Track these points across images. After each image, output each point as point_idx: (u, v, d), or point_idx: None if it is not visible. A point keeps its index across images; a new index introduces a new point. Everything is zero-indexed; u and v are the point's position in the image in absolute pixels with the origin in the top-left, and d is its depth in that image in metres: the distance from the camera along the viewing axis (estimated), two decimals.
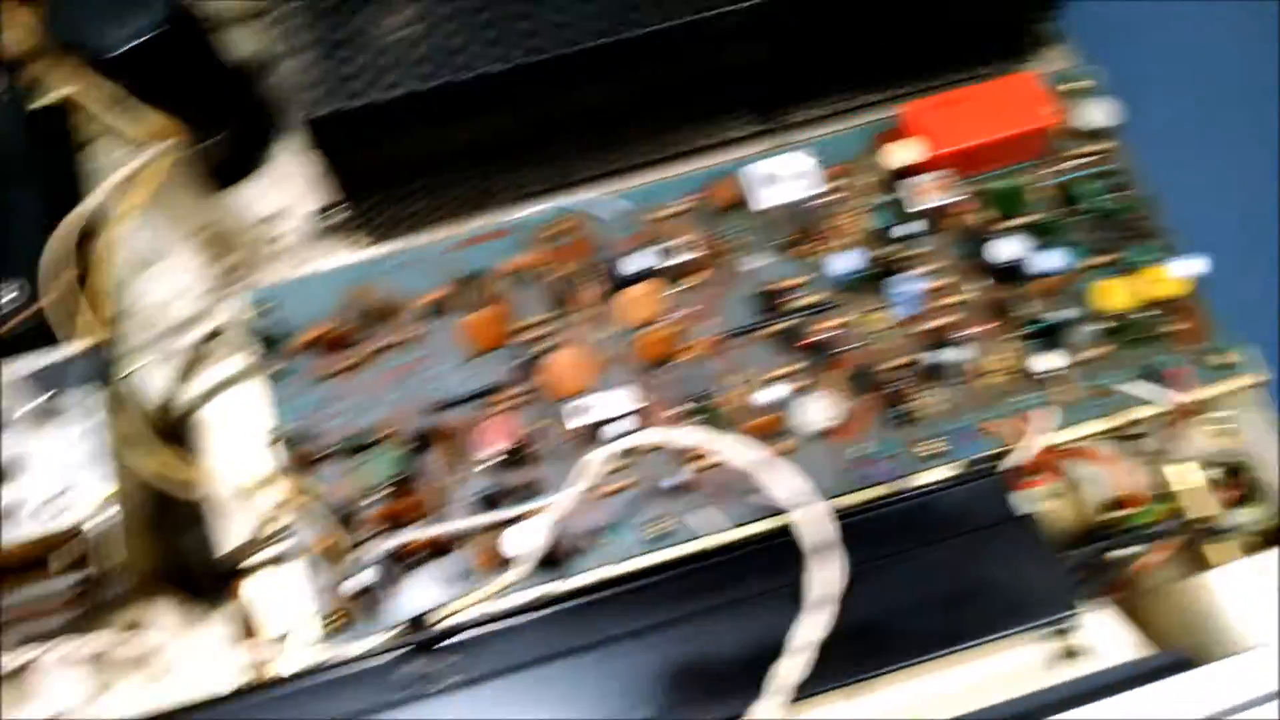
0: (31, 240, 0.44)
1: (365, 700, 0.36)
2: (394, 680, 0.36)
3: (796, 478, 0.37)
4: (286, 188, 0.50)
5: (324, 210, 0.49)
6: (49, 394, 0.39)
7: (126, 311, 0.48)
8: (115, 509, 0.38)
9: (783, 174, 0.44)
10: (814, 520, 0.36)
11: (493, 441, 0.41)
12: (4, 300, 0.43)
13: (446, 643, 0.36)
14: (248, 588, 0.43)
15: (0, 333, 0.42)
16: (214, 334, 0.44)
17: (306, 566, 0.42)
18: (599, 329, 0.44)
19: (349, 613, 0.40)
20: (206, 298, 0.48)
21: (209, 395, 0.46)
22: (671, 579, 0.39)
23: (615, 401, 0.42)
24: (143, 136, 0.43)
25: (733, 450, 0.38)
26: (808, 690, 0.35)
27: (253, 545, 0.42)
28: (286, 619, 0.42)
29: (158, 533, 0.41)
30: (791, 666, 0.34)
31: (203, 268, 0.48)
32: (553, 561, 0.40)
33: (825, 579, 0.35)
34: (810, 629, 0.34)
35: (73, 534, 0.38)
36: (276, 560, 0.43)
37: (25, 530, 0.37)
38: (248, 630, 0.42)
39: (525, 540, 0.39)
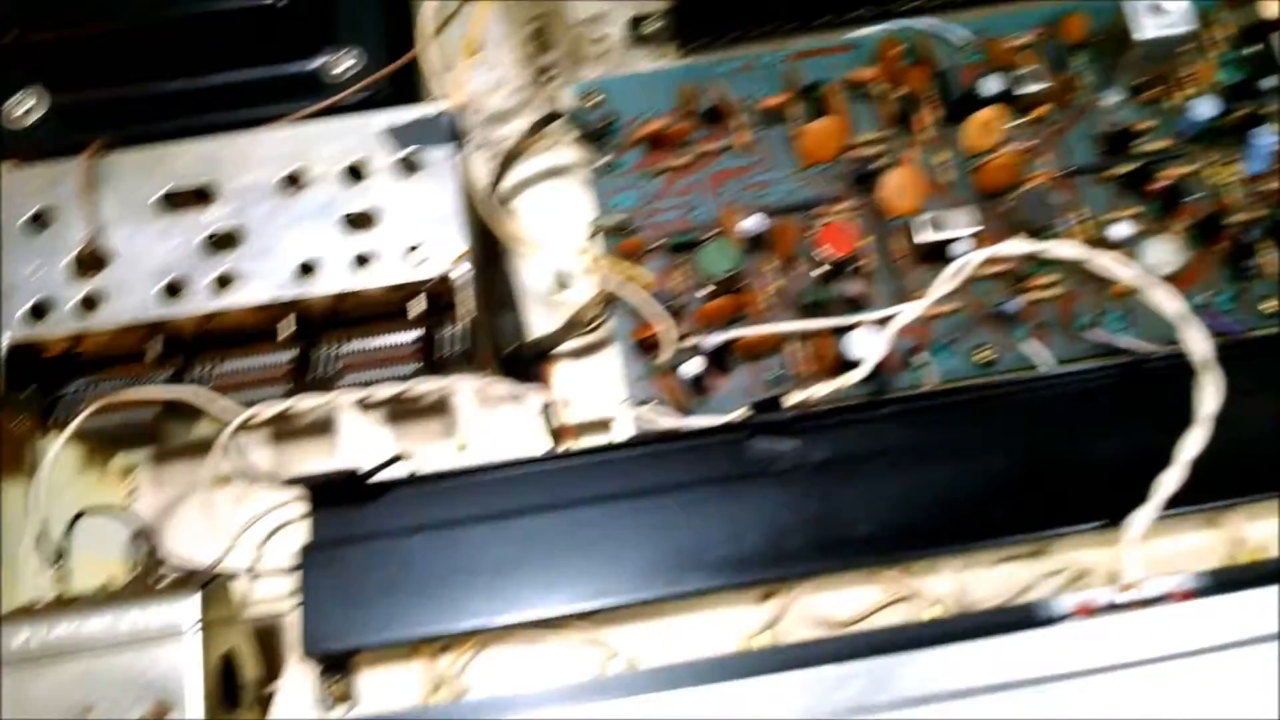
0: (366, 7, 0.45)
1: (709, 469, 0.36)
2: (741, 456, 0.36)
3: (1177, 298, 0.36)
4: None
5: (639, 20, 0.48)
6: (408, 149, 0.40)
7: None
8: (468, 265, 0.38)
9: (1167, 6, 0.41)
10: (1199, 338, 0.35)
11: (831, 247, 0.40)
12: (343, 67, 0.44)
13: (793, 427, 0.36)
14: (558, 372, 0.44)
15: (340, 98, 0.43)
16: (541, 123, 0.44)
17: (625, 353, 0.42)
18: (936, 151, 0.43)
19: (678, 396, 0.40)
20: (527, 90, 0.48)
21: (528, 184, 0.46)
22: (998, 398, 0.38)
23: (960, 220, 0.41)
24: None
25: (1117, 266, 0.37)
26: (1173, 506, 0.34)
27: (568, 330, 0.42)
28: (601, 404, 0.43)
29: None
30: (1172, 477, 0.33)
31: (523, 61, 0.48)
32: (874, 375, 0.40)
33: (1209, 396, 0.34)
34: (1194, 444, 0.33)
35: (425, 284, 0.38)
36: (590, 348, 0.44)
37: (390, 274, 0.38)
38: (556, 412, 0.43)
39: (868, 344, 0.38)
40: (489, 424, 0.43)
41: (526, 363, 0.42)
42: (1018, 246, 0.38)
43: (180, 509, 0.43)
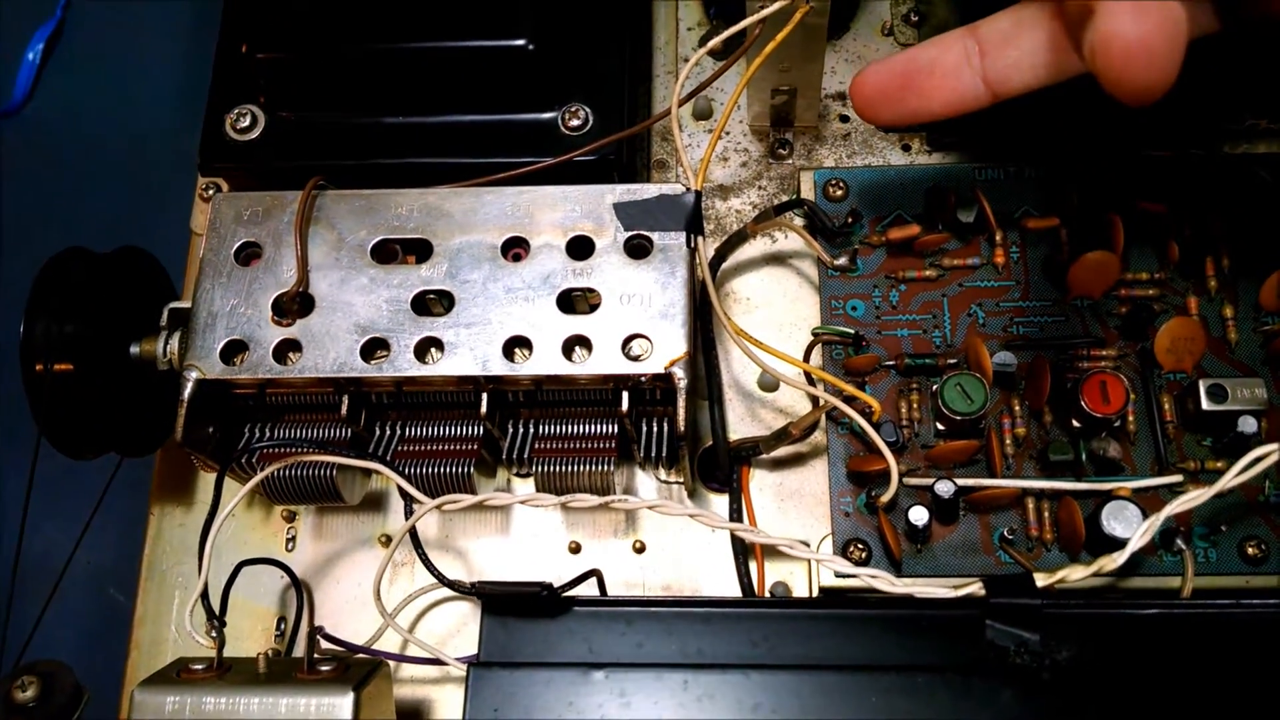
0: (609, 66, 0.42)
1: (925, 648, 0.32)
2: (966, 640, 0.31)
3: None
4: (858, 69, 0.45)
5: None
6: (643, 229, 0.36)
7: (663, 162, 0.45)
8: (683, 371, 0.35)
9: None
10: None
11: (1097, 400, 0.35)
12: (571, 124, 0.40)
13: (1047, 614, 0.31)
14: (757, 480, 0.40)
15: (567, 156, 0.39)
16: (778, 209, 0.40)
17: (834, 481, 0.38)
18: (1223, 304, 0.38)
19: (896, 543, 0.36)
20: (759, 164, 0.44)
21: (749, 268, 0.42)
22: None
23: (1246, 392, 0.35)
24: None
25: None
26: None
27: (776, 440, 0.38)
28: (795, 526, 0.39)
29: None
30: None
31: (759, 133, 0.45)
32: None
33: None
34: None
35: (639, 379, 0.35)
36: (793, 460, 0.40)
37: (604, 364, 0.35)
38: (748, 519, 0.39)
39: (1132, 523, 0.33)
40: (669, 526, 0.40)
41: (724, 464, 0.39)
42: None
43: (336, 565, 0.40)
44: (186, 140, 0.47)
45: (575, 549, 0.40)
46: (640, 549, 0.40)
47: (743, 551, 0.38)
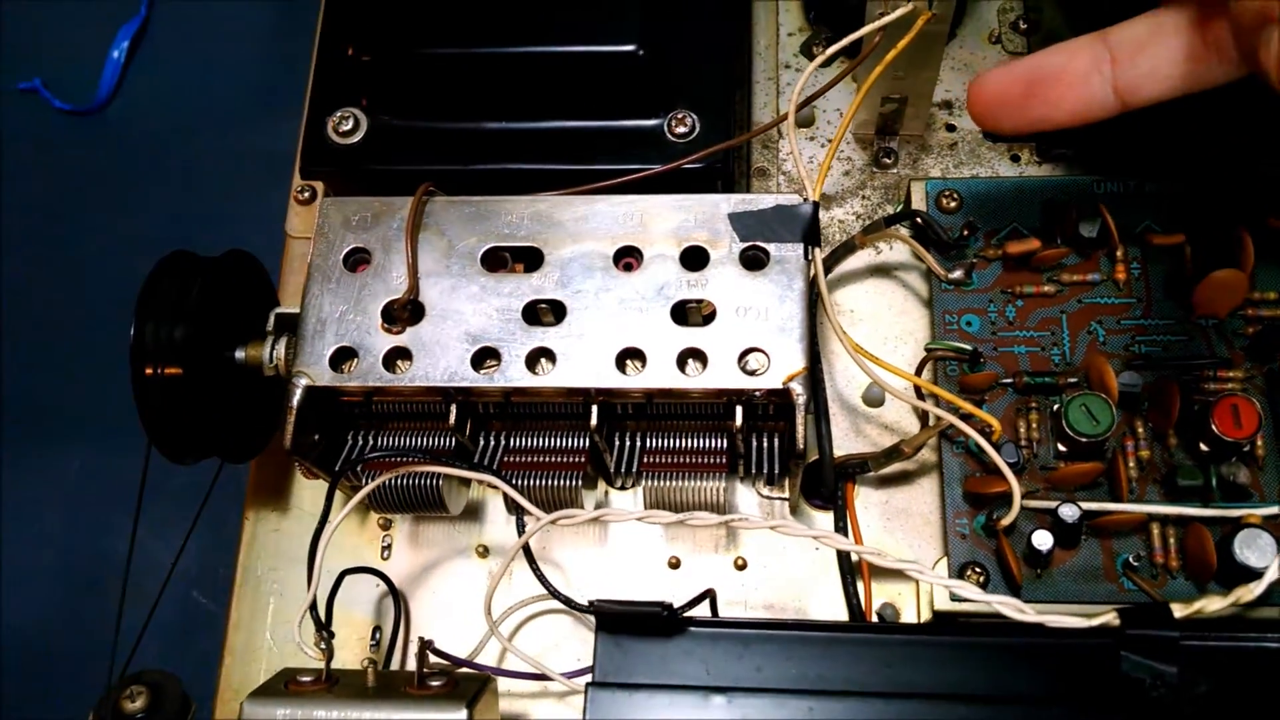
0: (714, 73, 0.41)
1: (1057, 683, 0.31)
2: (1097, 673, 0.30)
3: None
4: (965, 78, 0.44)
5: None
6: (761, 240, 0.35)
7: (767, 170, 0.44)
8: (801, 387, 0.34)
9: None
10: None
11: (1229, 425, 0.34)
12: (678, 131, 0.40)
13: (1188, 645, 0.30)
14: (862, 497, 0.39)
15: (674, 164, 0.39)
16: (891, 219, 0.39)
17: (950, 503, 0.37)
18: None
19: (1017, 567, 0.35)
20: (865, 172, 0.43)
21: (857, 278, 0.42)
22: None
23: None
24: None
25: None
26: None
27: (887, 458, 0.37)
28: (903, 546, 0.38)
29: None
30: None
31: (866, 141, 0.44)
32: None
33: None
34: None
35: (753, 394, 0.34)
36: (903, 477, 0.39)
37: (720, 378, 0.34)
38: (854, 538, 0.38)
39: (1269, 552, 0.32)
40: (772, 543, 0.39)
41: (829, 481, 0.38)
42: None
43: (432, 575, 0.40)
44: (268, 140, 0.46)
45: (675, 564, 0.39)
46: (742, 566, 0.39)
47: (850, 571, 0.37)
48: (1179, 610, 0.31)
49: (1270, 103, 0.29)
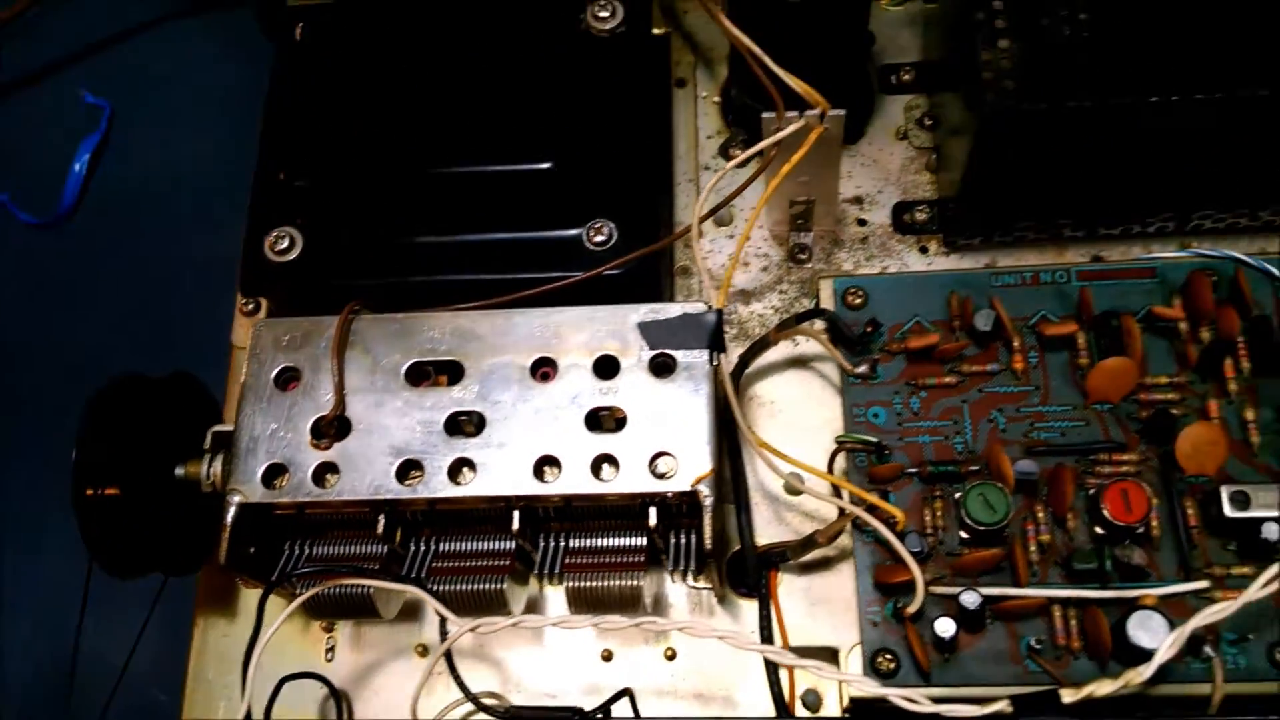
0: (629, 183, 0.43)
1: None
2: None
3: None
4: (874, 174, 0.47)
5: (905, 208, 0.45)
6: (666, 348, 0.37)
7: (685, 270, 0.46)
8: (708, 489, 0.35)
9: None
10: None
11: (1119, 509, 0.36)
12: (596, 240, 0.42)
13: None
14: (785, 584, 0.40)
15: (591, 273, 0.41)
16: (799, 318, 0.41)
17: (862, 591, 0.38)
18: (1244, 407, 0.38)
19: (924, 653, 0.36)
20: (779, 269, 0.45)
21: (771, 372, 0.43)
22: None
23: (1270, 499, 0.36)
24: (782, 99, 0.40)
25: None
26: None
27: (803, 548, 0.39)
28: (826, 631, 0.40)
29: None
30: None
31: (778, 238, 0.46)
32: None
33: None
34: None
35: (665, 496, 0.36)
36: (820, 564, 0.40)
37: (632, 482, 0.36)
38: (778, 628, 0.40)
39: (1159, 634, 0.34)
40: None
41: (751, 572, 0.39)
42: None
43: (374, 675, 0.41)
44: (225, 252, 0.48)
45: (607, 657, 0.41)
46: (671, 656, 0.40)
47: (773, 662, 0.39)
48: (1070, 695, 0.33)
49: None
